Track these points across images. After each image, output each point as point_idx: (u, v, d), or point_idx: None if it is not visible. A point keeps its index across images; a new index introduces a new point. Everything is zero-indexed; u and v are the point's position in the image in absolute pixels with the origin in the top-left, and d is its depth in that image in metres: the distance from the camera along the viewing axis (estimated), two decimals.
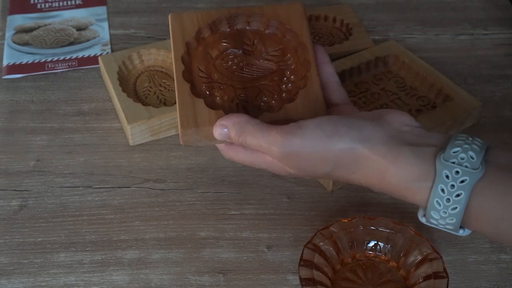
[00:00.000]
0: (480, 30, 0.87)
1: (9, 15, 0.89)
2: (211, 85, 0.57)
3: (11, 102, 0.76)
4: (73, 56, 0.82)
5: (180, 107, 0.55)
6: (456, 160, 0.46)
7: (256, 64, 0.59)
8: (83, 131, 0.73)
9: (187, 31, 0.59)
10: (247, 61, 0.59)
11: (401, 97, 0.74)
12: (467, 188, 0.46)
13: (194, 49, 0.59)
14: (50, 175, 0.68)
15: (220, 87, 0.57)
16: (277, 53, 0.59)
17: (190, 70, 0.58)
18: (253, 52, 0.59)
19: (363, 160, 0.49)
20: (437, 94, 0.73)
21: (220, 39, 0.60)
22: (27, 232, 0.63)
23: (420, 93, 0.74)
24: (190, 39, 0.59)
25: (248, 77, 0.58)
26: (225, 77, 0.58)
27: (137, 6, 0.91)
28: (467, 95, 0.72)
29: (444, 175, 0.46)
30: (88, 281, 0.59)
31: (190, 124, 0.54)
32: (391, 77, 0.77)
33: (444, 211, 0.47)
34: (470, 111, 0.70)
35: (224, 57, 0.59)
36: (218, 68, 0.58)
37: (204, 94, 0.57)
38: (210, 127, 0.54)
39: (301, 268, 0.55)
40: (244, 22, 0.60)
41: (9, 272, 0.59)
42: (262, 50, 0.59)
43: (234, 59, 0.59)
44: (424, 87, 0.74)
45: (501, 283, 0.58)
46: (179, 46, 0.58)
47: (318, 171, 0.51)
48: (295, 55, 0.59)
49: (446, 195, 0.46)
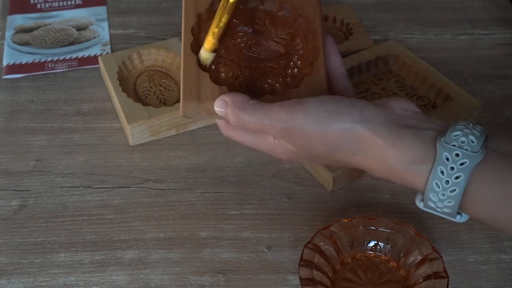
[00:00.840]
0: (480, 30, 0.87)
1: (9, 15, 0.89)
2: (217, 60, 0.56)
3: (11, 102, 0.76)
4: (73, 56, 0.82)
5: (184, 77, 0.54)
6: (456, 143, 0.47)
7: (264, 45, 0.58)
8: (83, 131, 0.73)
9: (200, 2, 0.58)
10: (256, 40, 0.58)
11: (401, 97, 0.74)
12: (466, 171, 0.46)
13: (204, 22, 0.58)
14: (50, 175, 0.68)
15: (226, 63, 0.56)
16: (287, 37, 0.58)
17: (199, 42, 0.57)
18: (263, 33, 0.58)
19: (363, 141, 0.49)
20: (437, 94, 0.73)
21: (231, 15, 0.58)
22: (27, 232, 0.63)
23: (420, 93, 0.74)
24: (203, 11, 0.58)
25: (255, 56, 0.57)
26: (232, 53, 0.57)
27: (137, 6, 0.91)
28: (467, 95, 0.72)
29: (444, 157, 0.46)
30: (88, 281, 0.59)
31: (193, 97, 0.54)
32: (391, 77, 0.76)
33: (442, 193, 0.47)
34: (470, 111, 0.70)
35: (234, 34, 0.58)
36: (226, 43, 0.57)
37: (209, 68, 0.56)
38: (212, 102, 0.53)
39: (301, 268, 0.55)
40: (258, 0, 0.59)
41: (9, 272, 0.59)
42: (272, 31, 0.58)
43: (244, 36, 0.58)
44: (424, 87, 0.74)
45: (501, 283, 0.58)
46: (190, 17, 0.57)
47: (318, 150, 0.51)
48: (305, 41, 0.57)
49: (445, 177, 0.46)
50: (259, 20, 0.58)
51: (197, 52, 0.56)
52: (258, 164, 0.69)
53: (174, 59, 0.77)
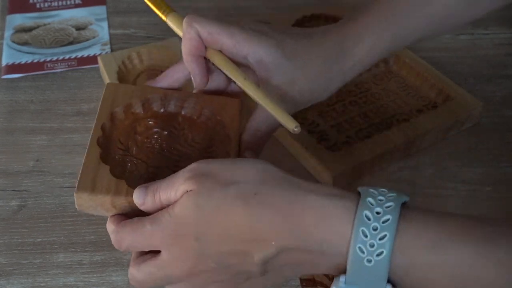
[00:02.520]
0: (480, 30, 0.87)
1: (8, 15, 0.89)
2: (125, 158, 0.56)
3: (10, 102, 0.76)
4: (72, 55, 0.82)
5: (82, 169, 0.52)
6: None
7: (178, 149, 0.57)
8: (82, 131, 0.72)
9: (118, 102, 0.58)
10: (169, 143, 0.57)
11: (402, 97, 0.74)
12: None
13: (120, 121, 0.58)
14: (50, 175, 0.68)
15: (134, 161, 0.55)
16: (202, 142, 0.58)
17: (110, 138, 0.56)
18: (179, 137, 0.58)
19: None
20: (438, 94, 0.73)
21: (149, 117, 0.59)
22: (26, 232, 0.62)
23: (421, 93, 0.74)
24: (118, 109, 0.57)
25: (165, 159, 0.57)
26: (142, 153, 0.56)
27: (137, 6, 0.91)
28: (467, 95, 0.72)
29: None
30: (88, 281, 0.58)
31: (87, 188, 0.51)
32: (391, 77, 0.76)
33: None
34: (470, 111, 0.70)
35: (149, 136, 0.58)
36: (138, 143, 0.57)
37: (115, 162, 0.55)
38: (106, 196, 0.51)
39: None
40: (178, 106, 0.59)
41: (8, 273, 0.59)
42: (188, 136, 0.58)
43: (158, 139, 0.57)
44: (424, 87, 0.74)
45: None
46: (103, 114, 0.57)
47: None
48: (220, 147, 0.57)
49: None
50: (177, 124, 0.59)
51: (105, 147, 0.55)
52: None
53: (174, 59, 0.77)
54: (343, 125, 0.71)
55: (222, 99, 0.59)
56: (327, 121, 0.71)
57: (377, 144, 0.67)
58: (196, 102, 0.59)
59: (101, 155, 0.54)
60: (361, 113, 0.72)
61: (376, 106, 0.73)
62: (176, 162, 0.56)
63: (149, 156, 0.56)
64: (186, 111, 0.59)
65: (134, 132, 0.58)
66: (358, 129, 0.70)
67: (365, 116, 0.72)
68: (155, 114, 0.59)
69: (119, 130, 0.57)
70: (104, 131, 0.56)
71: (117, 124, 0.57)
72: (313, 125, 0.71)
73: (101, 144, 0.55)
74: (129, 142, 0.57)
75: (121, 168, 0.55)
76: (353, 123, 0.71)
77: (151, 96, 0.59)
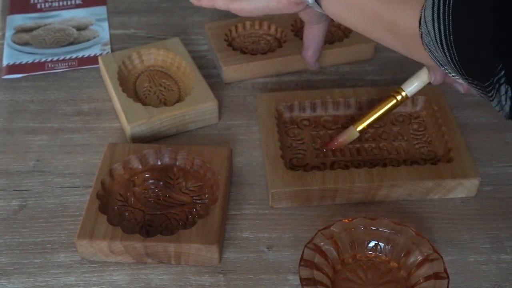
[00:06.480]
0: None
1: (9, 15, 0.89)
2: (124, 208, 0.62)
3: (11, 102, 0.76)
4: (73, 56, 0.82)
5: (82, 220, 0.59)
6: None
7: (173, 197, 0.64)
8: (83, 131, 0.73)
9: (116, 159, 0.64)
10: (165, 192, 0.64)
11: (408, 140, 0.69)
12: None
13: (119, 175, 0.64)
14: (50, 175, 0.68)
15: (131, 211, 0.62)
16: (195, 189, 0.64)
17: (109, 192, 0.63)
18: (173, 186, 0.64)
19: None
20: (444, 154, 0.67)
21: (146, 171, 0.65)
22: (27, 232, 0.63)
23: (430, 147, 0.69)
24: (117, 165, 0.64)
25: (160, 206, 0.63)
26: (139, 203, 0.63)
27: (137, 6, 0.91)
28: (468, 162, 0.65)
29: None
30: (88, 281, 0.59)
31: (86, 235, 0.58)
32: (412, 120, 0.71)
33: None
34: (459, 180, 0.64)
35: (146, 187, 0.64)
36: (136, 194, 0.63)
37: (113, 212, 0.62)
38: (103, 241, 0.57)
39: (302, 268, 0.55)
40: (172, 158, 0.66)
41: (9, 272, 0.59)
42: (182, 184, 0.64)
43: (155, 189, 0.64)
44: (437, 141, 0.69)
45: (501, 283, 0.58)
46: (103, 171, 0.63)
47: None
48: (211, 192, 0.63)
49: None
50: (172, 175, 0.65)
51: (104, 200, 0.62)
52: (258, 164, 0.69)
53: (174, 59, 0.77)
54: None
55: (211, 149, 0.65)
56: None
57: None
58: (188, 153, 0.65)
59: (99, 207, 0.60)
60: (359, 146, 0.69)
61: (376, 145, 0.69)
62: (171, 208, 0.63)
63: (146, 204, 0.63)
64: (180, 162, 0.65)
65: (133, 185, 0.64)
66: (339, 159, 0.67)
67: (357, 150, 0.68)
68: (152, 167, 0.65)
69: (119, 184, 0.64)
70: (104, 185, 0.63)
71: (116, 178, 0.64)
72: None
73: (100, 197, 0.61)
74: (127, 194, 0.63)
75: (120, 217, 0.61)
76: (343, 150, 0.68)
77: (147, 151, 0.65)
